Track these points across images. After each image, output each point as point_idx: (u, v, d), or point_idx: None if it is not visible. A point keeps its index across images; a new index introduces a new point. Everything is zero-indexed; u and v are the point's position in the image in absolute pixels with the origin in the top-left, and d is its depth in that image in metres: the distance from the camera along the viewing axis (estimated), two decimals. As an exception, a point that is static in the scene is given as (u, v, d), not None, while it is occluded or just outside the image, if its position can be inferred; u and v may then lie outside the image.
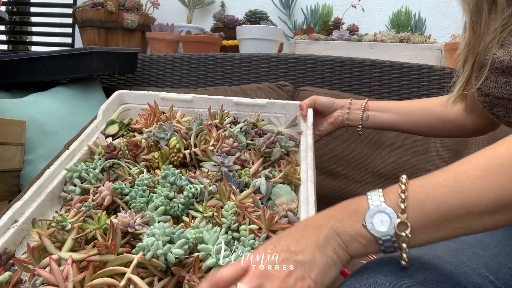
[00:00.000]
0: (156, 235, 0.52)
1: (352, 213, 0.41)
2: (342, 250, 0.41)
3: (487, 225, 0.38)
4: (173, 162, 0.76)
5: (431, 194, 0.39)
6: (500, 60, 0.52)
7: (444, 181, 0.39)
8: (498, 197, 0.37)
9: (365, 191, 0.44)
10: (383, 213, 0.39)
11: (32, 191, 0.67)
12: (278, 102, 0.94)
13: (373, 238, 0.40)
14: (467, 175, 0.38)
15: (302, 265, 0.39)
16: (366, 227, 0.40)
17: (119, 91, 0.97)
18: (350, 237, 0.40)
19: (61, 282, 0.48)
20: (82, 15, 1.61)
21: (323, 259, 0.40)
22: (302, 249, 0.40)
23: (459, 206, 0.38)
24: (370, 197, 0.41)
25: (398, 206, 0.39)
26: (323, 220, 0.42)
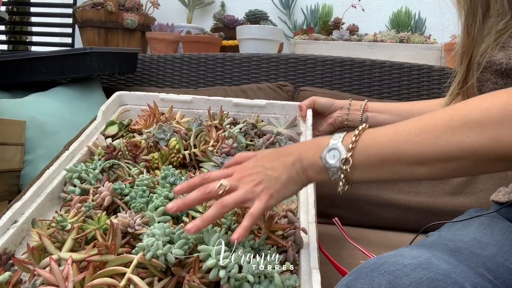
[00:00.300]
0: (156, 235, 0.52)
1: (316, 146, 0.51)
2: (303, 173, 0.52)
3: (415, 174, 0.46)
4: (172, 162, 0.76)
5: (375, 141, 0.47)
6: (499, 62, 0.53)
7: (388, 132, 0.47)
8: (425, 151, 0.44)
9: (365, 191, 0.48)
10: (336, 150, 0.49)
11: (32, 191, 0.67)
12: (277, 103, 0.94)
13: (324, 168, 0.50)
14: (406, 131, 0.46)
15: (270, 179, 0.52)
16: (321, 158, 0.50)
17: (118, 92, 0.97)
18: (310, 164, 0.51)
19: (61, 282, 0.48)
20: (82, 15, 1.61)
21: (287, 177, 0.52)
22: (273, 168, 0.52)
23: (393, 154, 0.46)
24: (333, 137, 0.51)
25: (347, 146, 0.48)
26: (294, 149, 0.54)
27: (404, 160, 0.45)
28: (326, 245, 0.72)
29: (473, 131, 0.42)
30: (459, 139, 0.42)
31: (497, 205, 0.67)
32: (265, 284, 0.50)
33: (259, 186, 0.51)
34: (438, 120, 0.44)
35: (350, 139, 0.48)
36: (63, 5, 2.04)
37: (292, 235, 0.57)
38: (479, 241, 0.53)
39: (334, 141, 0.49)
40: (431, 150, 0.44)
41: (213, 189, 0.52)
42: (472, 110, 0.43)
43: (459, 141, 0.42)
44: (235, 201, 0.51)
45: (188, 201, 0.52)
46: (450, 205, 1.07)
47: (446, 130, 0.43)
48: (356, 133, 0.49)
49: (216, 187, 0.51)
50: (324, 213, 1.08)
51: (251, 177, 0.52)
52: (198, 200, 0.52)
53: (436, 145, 0.43)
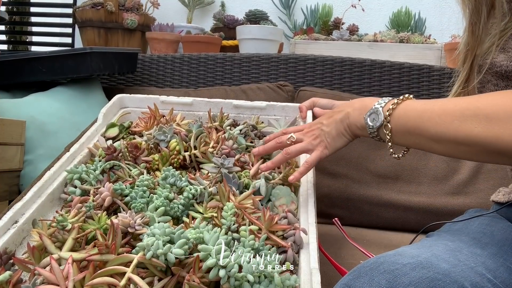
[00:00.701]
0: (156, 235, 0.52)
1: (363, 107, 0.60)
2: (349, 127, 0.63)
3: (433, 148, 0.52)
4: (173, 164, 0.77)
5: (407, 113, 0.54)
6: (500, 64, 0.53)
7: (419, 108, 0.53)
8: (440, 131, 0.50)
9: (365, 191, 0.50)
10: (376, 114, 0.57)
11: (33, 192, 0.67)
12: (277, 105, 0.94)
13: (365, 127, 0.59)
14: (431, 110, 0.52)
15: (324, 134, 0.65)
16: (364, 119, 0.59)
17: (119, 94, 0.97)
18: (354, 122, 0.62)
19: (61, 281, 0.48)
20: (82, 15, 1.62)
21: (336, 131, 0.64)
22: (328, 124, 0.65)
23: (415, 127, 0.53)
24: (378, 101, 0.58)
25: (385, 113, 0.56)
26: (345, 106, 0.64)
27: (424, 135, 0.52)
28: (326, 245, 0.72)
29: (480, 123, 0.46)
30: (468, 128, 0.47)
31: (497, 205, 0.67)
32: (265, 284, 0.50)
33: (316, 139, 0.65)
34: (457, 105, 0.49)
35: (389, 106, 0.55)
36: (63, 5, 2.04)
37: (292, 235, 0.57)
38: (479, 241, 0.53)
39: (377, 105, 0.57)
40: (445, 131, 0.49)
41: (284, 140, 0.68)
42: (485, 104, 0.47)
43: (468, 130, 0.47)
44: (297, 150, 0.66)
45: (267, 147, 0.70)
46: (450, 205, 1.07)
47: (460, 117, 0.48)
48: (395, 101, 0.56)
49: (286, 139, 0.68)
50: (324, 213, 1.08)
51: (312, 132, 0.66)
52: (274, 147, 0.70)
53: (449, 129, 0.49)
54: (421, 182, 1.12)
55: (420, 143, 0.53)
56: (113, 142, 0.84)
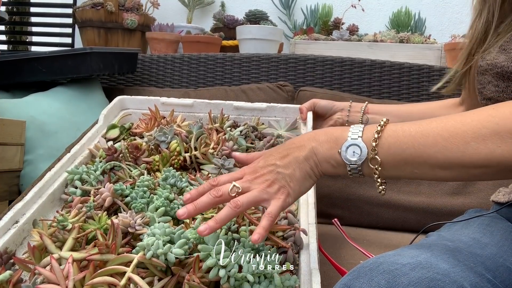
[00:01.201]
0: (157, 234, 0.52)
1: (333, 140, 0.50)
2: (317, 167, 0.50)
3: (437, 176, 0.46)
4: (173, 165, 0.77)
5: (399, 140, 0.46)
6: (501, 65, 0.53)
7: (414, 131, 0.46)
8: (452, 156, 0.43)
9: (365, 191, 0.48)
10: (357, 147, 0.48)
11: (33, 192, 0.68)
12: (278, 106, 0.94)
13: (343, 164, 0.49)
14: (433, 132, 0.44)
15: (284, 177, 0.50)
16: (340, 154, 0.48)
17: (120, 96, 0.97)
18: (325, 158, 0.50)
19: (61, 280, 0.48)
20: (82, 15, 1.62)
21: (301, 173, 0.50)
22: (285, 165, 0.50)
23: (417, 155, 0.45)
24: (351, 130, 0.49)
25: (370, 144, 0.47)
26: (306, 141, 0.51)
27: (428, 162, 0.45)
28: (326, 245, 0.72)
29: (505, 141, 0.41)
30: (490, 148, 0.42)
31: (497, 205, 0.68)
32: (265, 284, 0.50)
33: (273, 186, 0.50)
34: (467, 124, 0.43)
35: (372, 135, 0.47)
36: (63, 5, 2.04)
37: (292, 236, 0.57)
38: (478, 241, 0.53)
39: (353, 136, 0.48)
40: (459, 156, 0.43)
41: (225, 192, 0.50)
42: (504, 119, 0.42)
43: (490, 151, 0.42)
44: (249, 200, 0.49)
45: (199, 205, 0.50)
46: (450, 205, 1.07)
47: (477, 138, 0.42)
48: (377, 128, 0.47)
49: (228, 190, 0.50)
50: (324, 213, 1.08)
51: (263, 177, 0.50)
52: (209, 204, 0.50)
53: (465, 152, 0.43)
54: (421, 182, 1.12)
55: (420, 172, 0.46)
56: (114, 143, 0.84)
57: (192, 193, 0.52)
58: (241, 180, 0.51)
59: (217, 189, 0.51)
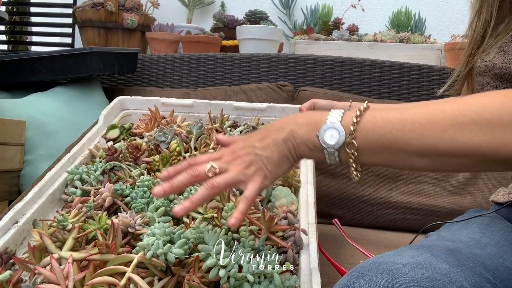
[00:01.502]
0: (157, 234, 0.52)
1: (312, 123, 0.49)
2: (295, 150, 0.50)
3: (414, 164, 0.45)
4: (173, 165, 0.77)
5: (378, 125, 0.45)
6: (500, 66, 0.53)
7: (392, 117, 0.45)
8: (429, 143, 0.42)
9: (365, 191, 0.47)
10: (335, 130, 0.47)
11: (34, 192, 0.68)
12: (278, 106, 0.94)
13: (320, 147, 0.47)
14: (411, 119, 0.44)
15: (261, 159, 0.49)
16: (318, 137, 0.47)
17: (120, 97, 0.97)
18: (303, 141, 0.49)
19: (61, 280, 0.48)
20: (82, 15, 1.62)
21: (279, 155, 0.50)
22: (264, 147, 0.50)
23: (395, 141, 0.44)
24: (331, 115, 0.48)
25: (348, 128, 0.46)
26: (286, 124, 0.50)
27: (405, 149, 0.44)
28: (326, 245, 0.72)
29: (481, 130, 0.41)
30: (467, 136, 0.41)
31: (497, 205, 0.68)
32: (265, 284, 0.50)
33: (250, 167, 0.49)
34: (446, 112, 0.43)
35: (351, 119, 0.46)
36: (63, 5, 2.04)
37: (292, 236, 0.58)
38: (478, 241, 0.53)
39: (333, 119, 0.47)
40: (436, 143, 0.42)
41: (202, 172, 0.49)
42: (482, 108, 0.41)
43: (466, 139, 0.41)
44: (226, 182, 0.49)
45: (175, 184, 0.49)
46: (450, 205, 1.08)
47: (454, 125, 0.42)
48: (357, 113, 0.46)
49: (205, 170, 0.49)
50: (324, 213, 1.08)
51: (241, 159, 0.50)
52: (186, 183, 0.50)
53: (442, 140, 0.42)
54: (421, 182, 1.12)
55: (397, 159, 0.45)
56: (114, 143, 0.84)
57: (170, 171, 0.52)
58: (220, 160, 0.51)
59: (194, 168, 0.50)
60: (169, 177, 0.51)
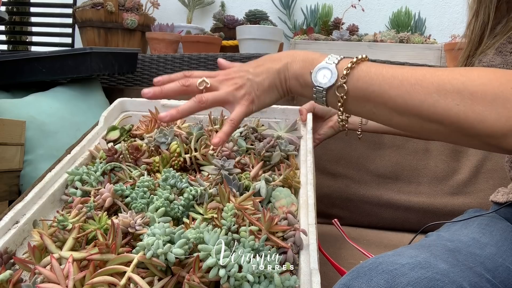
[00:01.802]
0: (157, 234, 0.52)
1: (309, 61, 0.49)
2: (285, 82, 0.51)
3: (393, 120, 0.46)
4: (173, 166, 0.77)
5: (369, 76, 0.46)
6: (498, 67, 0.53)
7: (386, 72, 0.45)
8: (411, 103, 0.43)
9: (365, 191, 0.48)
10: (329, 71, 0.47)
11: (34, 193, 0.68)
12: (278, 108, 0.94)
13: (310, 84, 0.48)
14: (402, 77, 0.44)
15: (252, 84, 0.51)
16: (311, 74, 0.48)
17: (120, 98, 0.97)
18: (295, 75, 0.50)
19: (61, 280, 0.48)
20: (82, 15, 1.62)
21: (270, 83, 0.51)
22: (257, 73, 0.51)
23: (379, 94, 0.45)
24: (329, 57, 0.49)
25: (342, 72, 0.47)
26: (283, 57, 0.51)
27: (388, 104, 0.45)
28: (326, 245, 0.72)
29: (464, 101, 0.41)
30: (448, 104, 0.42)
31: (496, 205, 0.68)
32: (264, 284, 0.50)
33: (240, 90, 0.51)
34: (436, 77, 0.43)
35: (346, 64, 0.47)
36: (63, 5, 2.04)
37: (292, 236, 0.58)
38: (478, 241, 0.54)
39: (329, 61, 0.48)
40: (417, 104, 0.43)
41: (194, 84, 0.51)
42: (470, 80, 0.42)
43: (448, 106, 0.42)
44: (215, 98, 0.50)
45: (166, 89, 0.51)
46: (450, 205, 1.08)
47: (440, 91, 0.42)
48: (354, 60, 0.47)
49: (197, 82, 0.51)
50: (324, 213, 1.08)
51: (233, 80, 0.51)
52: (176, 90, 0.51)
53: (424, 102, 0.42)
54: (421, 182, 1.12)
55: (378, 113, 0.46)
56: (114, 144, 0.84)
57: (164, 77, 0.53)
58: (213, 78, 0.52)
59: (187, 79, 0.52)
60: (163, 82, 0.52)
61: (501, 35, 0.55)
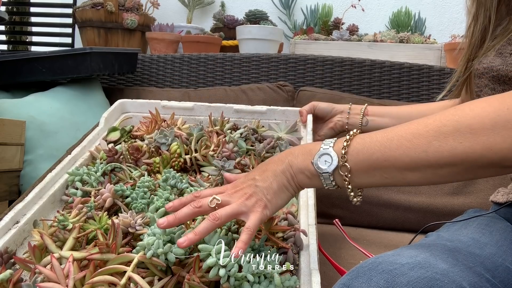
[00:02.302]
0: (157, 234, 0.52)
1: (307, 152, 0.51)
2: (293, 179, 0.52)
3: (407, 179, 0.46)
4: (174, 166, 0.77)
5: (366, 146, 0.47)
6: (497, 68, 0.53)
7: (380, 137, 0.47)
8: (417, 157, 0.44)
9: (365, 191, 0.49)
10: (328, 156, 0.49)
11: (34, 193, 0.68)
12: (278, 109, 0.94)
13: (316, 173, 0.50)
14: (397, 136, 0.45)
15: (261, 190, 0.52)
16: (313, 164, 0.50)
17: (121, 100, 0.97)
18: (299, 170, 0.51)
19: (61, 279, 0.48)
20: (82, 15, 1.62)
21: (278, 185, 0.52)
22: (263, 178, 0.53)
23: (384, 159, 0.46)
24: (324, 143, 0.51)
25: (340, 152, 0.48)
26: (283, 156, 0.54)
27: (396, 165, 0.45)
28: (326, 245, 0.72)
29: (465, 137, 0.41)
30: (451, 145, 0.42)
31: (496, 205, 0.68)
32: (264, 284, 0.50)
33: (251, 198, 0.51)
34: (429, 125, 0.44)
35: (341, 144, 0.48)
36: (63, 5, 2.04)
37: (292, 237, 0.58)
38: (477, 241, 0.54)
39: (325, 146, 0.50)
40: (423, 156, 0.43)
41: (205, 204, 0.52)
42: (463, 116, 0.42)
43: (451, 148, 0.42)
44: (228, 213, 0.51)
45: (179, 215, 0.52)
46: (450, 205, 1.08)
47: (438, 136, 0.43)
48: (347, 138, 0.49)
49: (208, 202, 0.51)
50: (324, 213, 1.08)
51: (242, 191, 0.52)
52: (189, 215, 0.52)
53: (428, 151, 0.43)
54: (421, 182, 1.12)
55: (390, 177, 0.46)
56: (115, 145, 0.84)
57: (175, 202, 0.55)
58: (222, 194, 0.53)
59: (198, 200, 0.53)
60: (174, 208, 0.54)
61: (502, 37, 0.55)
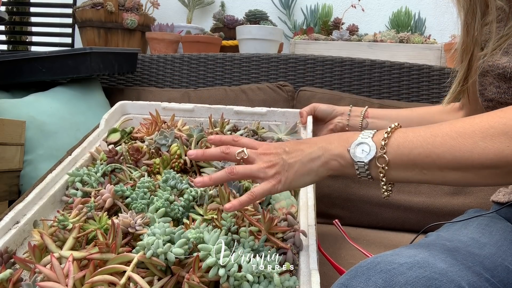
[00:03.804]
0: (157, 234, 0.52)
1: (344, 140, 0.50)
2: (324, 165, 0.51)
3: (446, 178, 0.45)
4: (174, 167, 0.77)
5: (409, 139, 0.46)
6: (503, 66, 0.53)
7: (423, 133, 0.46)
8: (461, 156, 0.43)
9: (365, 191, 0.48)
10: (367, 145, 0.48)
11: (34, 193, 0.68)
12: (278, 110, 0.94)
13: (351, 162, 0.49)
14: (442, 133, 0.45)
15: (284, 164, 0.52)
16: (349, 151, 0.49)
17: (121, 101, 0.98)
18: (334, 156, 0.50)
19: (61, 278, 0.48)
20: (82, 15, 1.62)
21: (302, 167, 0.51)
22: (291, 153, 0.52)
23: (426, 155, 0.45)
24: (363, 133, 0.50)
25: (379, 143, 0.47)
26: (318, 140, 0.53)
27: (437, 163, 0.44)
28: (325, 245, 0.72)
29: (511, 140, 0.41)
30: (498, 147, 0.42)
31: (497, 205, 0.68)
32: (264, 284, 0.50)
33: (272, 168, 0.52)
34: (476, 125, 0.43)
35: (382, 135, 0.47)
36: (63, 5, 2.04)
37: (292, 237, 0.58)
38: (477, 241, 0.54)
39: (364, 136, 0.49)
40: (467, 156, 0.43)
41: (233, 152, 0.54)
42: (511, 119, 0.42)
43: (499, 150, 0.42)
44: (245, 173, 0.52)
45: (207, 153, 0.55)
46: (450, 205, 1.08)
47: (485, 137, 0.42)
48: (388, 130, 0.48)
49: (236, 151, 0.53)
50: (324, 213, 1.08)
51: (269, 157, 0.53)
52: (216, 156, 0.55)
53: (473, 152, 0.43)
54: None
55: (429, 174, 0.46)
56: (115, 146, 0.84)
57: (216, 137, 0.59)
58: (254, 150, 0.54)
59: (228, 147, 0.55)
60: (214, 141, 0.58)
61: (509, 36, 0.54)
